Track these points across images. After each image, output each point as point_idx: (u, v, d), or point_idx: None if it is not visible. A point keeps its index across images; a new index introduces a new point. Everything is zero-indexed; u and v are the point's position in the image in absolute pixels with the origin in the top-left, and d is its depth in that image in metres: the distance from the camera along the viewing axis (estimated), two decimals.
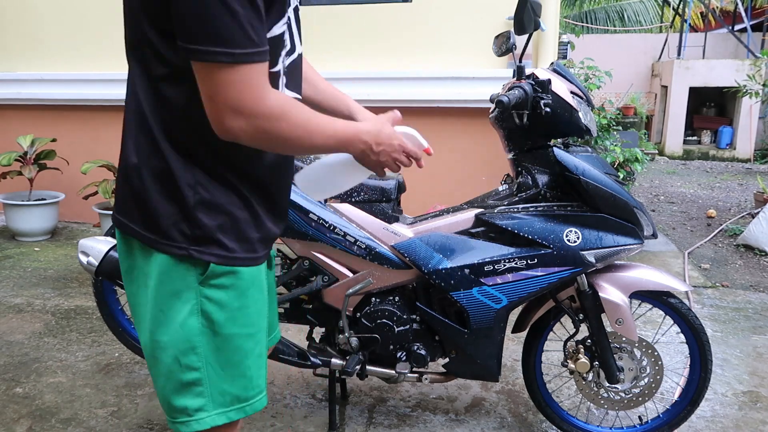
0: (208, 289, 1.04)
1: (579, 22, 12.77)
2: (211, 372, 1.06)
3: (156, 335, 1.05)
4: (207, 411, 1.08)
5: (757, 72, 6.53)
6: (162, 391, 1.09)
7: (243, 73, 0.92)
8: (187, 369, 1.05)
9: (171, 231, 1.01)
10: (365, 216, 1.92)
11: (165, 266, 1.03)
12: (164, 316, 1.04)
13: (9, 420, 2.19)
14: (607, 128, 4.46)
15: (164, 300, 1.03)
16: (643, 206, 1.87)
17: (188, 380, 1.06)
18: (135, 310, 1.11)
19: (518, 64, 1.89)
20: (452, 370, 2.01)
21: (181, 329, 1.04)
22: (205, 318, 1.04)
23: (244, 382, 1.10)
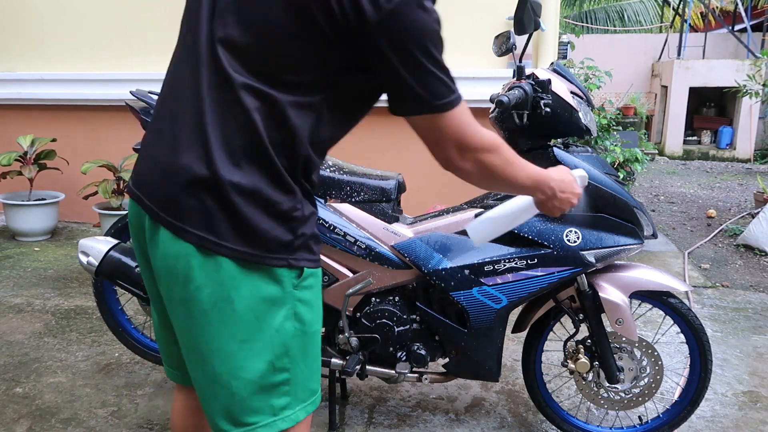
0: (300, 292, 1.08)
1: (579, 22, 12.77)
2: (298, 371, 1.11)
3: (249, 344, 1.05)
4: (292, 408, 1.11)
5: (757, 72, 6.53)
6: (239, 396, 1.07)
7: (462, 112, 1.04)
8: (280, 371, 1.08)
9: (271, 244, 1.03)
10: (365, 216, 1.92)
11: (261, 276, 1.03)
12: (259, 323, 1.04)
13: (9, 420, 2.19)
14: (607, 128, 4.46)
15: (259, 307, 1.04)
16: (643, 206, 1.87)
17: (278, 381, 1.09)
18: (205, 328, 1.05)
19: (518, 64, 1.89)
20: (452, 370, 2.01)
21: (277, 334, 1.06)
22: (298, 320, 1.08)
23: (317, 375, 1.17)
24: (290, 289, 1.06)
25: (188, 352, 1.10)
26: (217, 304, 1.03)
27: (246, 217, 1.00)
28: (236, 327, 1.04)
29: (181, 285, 1.04)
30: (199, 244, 1.01)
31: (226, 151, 0.99)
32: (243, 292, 1.03)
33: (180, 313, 1.07)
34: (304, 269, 1.07)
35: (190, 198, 1.00)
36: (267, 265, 1.03)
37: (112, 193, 4.02)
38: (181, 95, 1.04)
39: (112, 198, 3.98)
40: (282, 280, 1.05)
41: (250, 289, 1.03)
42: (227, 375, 1.06)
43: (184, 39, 1.08)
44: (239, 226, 1.01)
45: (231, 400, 1.08)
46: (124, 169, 4.11)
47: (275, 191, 1.01)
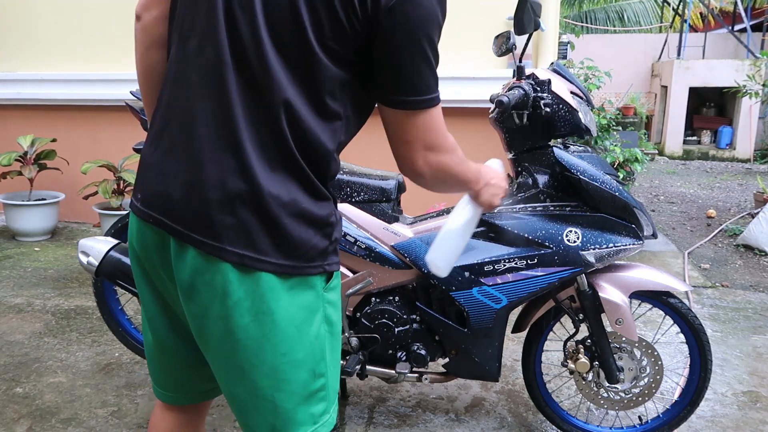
0: (328, 294, 1.08)
1: (579, 22, 12.77)
2: (331, 374, 1.10)
3: (290, 355, 1.02)
4: (328, 412, 1.11)
5: (757, 72, 6.53)
6: (282, 408, 1.05)
7: (436, 114, 1.03)
8: (319, 377, 1.07)
9: (311, 253, 1.01)
10: (365, 216, 1.92)
11: (298, 285, 1.02)
12: (299, 332, 1.02)
13: (9, 420, 2.19)
14: (607, 128, 4.46)
15: (298, 317, 1.02)
16: (643, 206, 1.87)
17: (317, 387, 1.08)
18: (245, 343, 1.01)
19: (518, 64, 1.90)
20: (452, 370, 2.01)
21: (316, 341, 1.05)
22: (328, 322, 1.08)
23: (339, 374, 1.16)
24: (321, 292, 1.06)
25: (226, 368, 1.06)
26: (257, 317, 1.00)
27: (287, 230, 0.98)
28: (277, 339, 1.01)
29: (219, 300, 0.99)
30: (240, 262, 0.97)
31: (263, 162, 0.95)
32: (282, 304, 1.00)
33: (216, 329, 1.02)
34: (333, 273, 1.07)
35: (226, 214, 0.96)
36: (308, 275, 1.02)
37: (112, 193, 4.02)
38: (194, 106, 0.98)
39: (112, 198, 3.98)
40: (315, 286, 1.04)
41: (289, 299, 1.01)
42: (270, 389, 1.04)
43: (185, 45, 1.01)
44: (280, 239, 0.98)
45: (275, 414, 1.05)
46: (124, 169, 4.11)
47: (312, 200, 1.00)
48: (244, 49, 0.95)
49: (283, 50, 0.95)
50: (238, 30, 0.95)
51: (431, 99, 1.01)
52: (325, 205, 1.03)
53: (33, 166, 4.27)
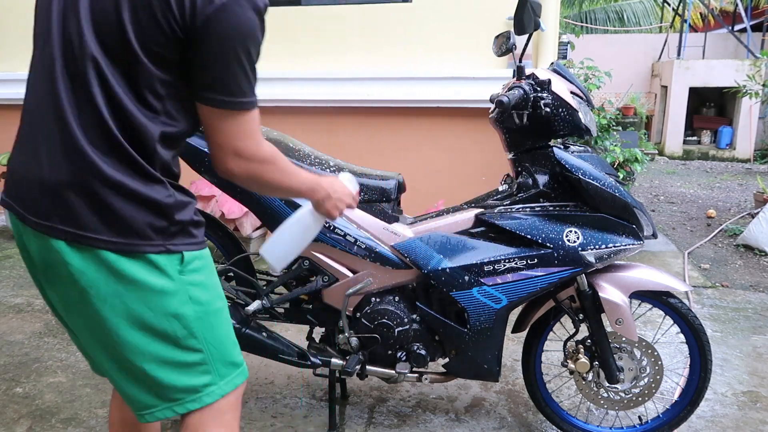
0: (188, 276, 1.12)
1: (579, 22, 12.77)
2: (212, 350, 1.15)
3: (148, 331, 1.09)
4: (215, 384, 1.17)
5: (757, 72, 6.53)
6: (157, 378, 1.12)
7: (248, 120, 1.10)
8: (190, 351, 1.13)
9: (146, 231, 1.07)
10: (365, 216, 1.92)
11: (144, 266, 1.07)
12: (153, 312, 1.08)
13: (9, 420, 2.19)
14: (607, 128, 4.46)
15: (149, 298, 1.08)
16: (643, 206, 1.87)
17: (193, 361, 1.13)
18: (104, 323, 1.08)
19: (518, 64, 1.90)
20: (452, 370, 2.01)
21: (175, 320, 1.10)
22: (195, 302, 1.12)
23: (236, 349, 1.22)
24: (177, 275, 1.10)
25: (96, 348, 1.14)
26: (107, 301, 1.07)
27: (115, 208, 1.04)
28: (131, 319, 1.08)
29: (71, 287, 1.07)
30: (73, 240, 1.04)
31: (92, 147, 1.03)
32: (130, 287, 1.06)
33: (77, 313, 1.11)
34: (183, 254, 1.11)
35: (58, 196, 1.04)
36: (144, 252, 1.06)
37: None
38: (36, 102, 1.08)
39: None
40: (165, 269, 1.08)
41: (136, 282, 1.06)
42: (139, 361, 1.10)
43: (36, 42, 1.11)
44: (110, 218, 1.04)
45: (151, 383, 1.13)
46: None
47: (141, 182, 1.06)
48: (72, 48, 1.04)
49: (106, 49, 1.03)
50: (68, 30, 1.04)
51: (243, 102, 1.09)
52: (157, 188, 1.07)
53: None
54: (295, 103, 4.05)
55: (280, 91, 4.01)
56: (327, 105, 4.06)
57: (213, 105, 1.08)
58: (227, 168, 1.15)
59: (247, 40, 1.05)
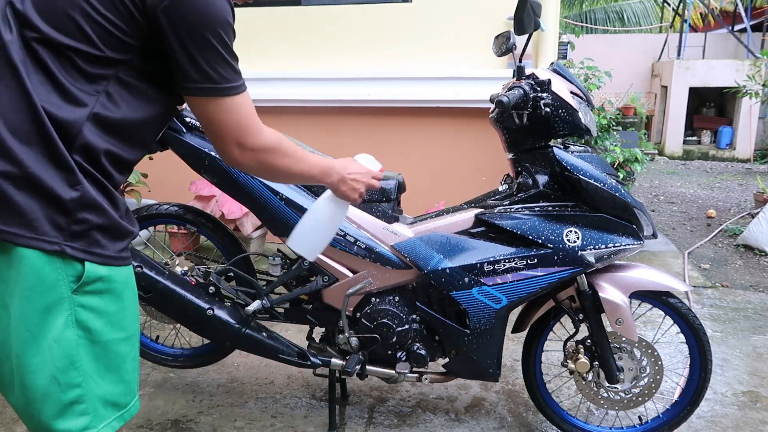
0: (83, 297, 0.98)
1: (579, 22, 12.77)
2: (92, 384, 1.01)
3: (25, 358, 0.96)
4: (94, 427, 1.02)
5: (757, 72, 6.53)
6: (36, 419, 0.99)
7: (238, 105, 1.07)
8: (68, 387, 0.99)
9: (39, 223, 0.93)
10: (365, 216, 1.92)
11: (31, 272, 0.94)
12: (32, 335, 0.95)
13: (9, 420, 2.19)
14: (607, 128, 4.46)
15: (32, 317, 0.95)
16: (643, 206, 1.87)
17: (70, 399, 0.99)
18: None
19: (518, 64, 1.90)
20: (452, 370, 2.01)
21: (56, 345, 0.96)
22: (81, 328, 0.99)
23: (123, 388, 1.07)
24: (68, 293, 0.96)
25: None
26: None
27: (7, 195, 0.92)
28: (13, 339, 0.96)
29: None
30: None
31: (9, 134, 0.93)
32: (15, 300, 0.94)
33: None
34: (85, 267, 0.97)
35: None
36: (30, 248, 0.92)
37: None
38: None
39: None
40: (56, 284, 0.95)
41: (24, 295, 0.94)
42: (18, 391, 0.98)
43: None
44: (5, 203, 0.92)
45: (29, 420, 1.01)
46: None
47: (46, 169, 0.94)
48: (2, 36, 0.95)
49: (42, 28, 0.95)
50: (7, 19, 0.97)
51: (227, 88, 1.05)
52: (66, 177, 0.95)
53: None
54: (295, 103, 4.05)
55: (279, 91, 4.01)
56: (327, 105, 4.06)
57: (197, 94, 1.05)
58: (234, 160, 1.13)
59: (214, 23, 1.01)
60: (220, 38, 1.02)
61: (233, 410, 2.28)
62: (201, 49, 1.01)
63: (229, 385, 2.46)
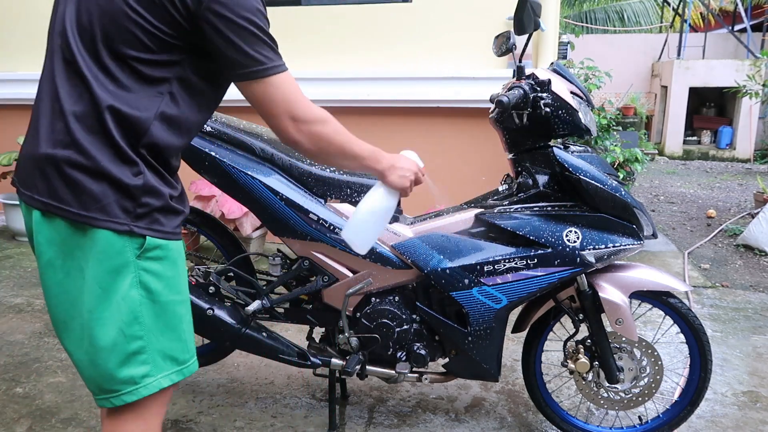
0: (145, 262, 1.13)
1: (579, 22, 12.77)
2: (152, 338, 1.15)
3: (97, 312, 1.11)
4: (153, 376, 1.16)
5: (757, 72, 6.53)
6: (102, 367, 1.14)
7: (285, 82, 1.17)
8: (132, 339, 1.13)
9: (111, 208, 1.09)
10: None
11: (106, 244, 1.10)
12: (103, 291, 1.11)
13: (9, 420, 2.19)
14: (607, 128, 4.46)
15: (105, 277, 1.10)
16: (643, 206, 1.87)
17: (133, 350, 1.14)
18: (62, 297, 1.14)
19: (518, 64, 1.90)
20: (452, 370, 2.01)
21: (123, 301, 1.12)
22: (144, 288, 1.14)
23: (180, 345, 1.21)
24: (133, 258, 1.12)
25: (57, 323, 1.17)
26: (70, 274, 1.12)
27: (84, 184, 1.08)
28: (86, 296, 1.11)
29: (40, 258, 1.14)
30: (44, 209, 1.10)
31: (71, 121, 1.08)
32: (90, 264, 1.10)
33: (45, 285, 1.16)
34: (146, 239, 1.12)
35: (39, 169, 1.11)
36: (108, 228, 1.09)
37: None
38: (41, 89, 1.15)
39: None
40: (123, 251, 1.11)
41: (96, 260, 1.10)
42: (86, 343, 1.13)
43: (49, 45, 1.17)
44: (78, 192, 1.08)
45: (94, 369, 1.14)
46: None
47: (114, 162, 1.09)
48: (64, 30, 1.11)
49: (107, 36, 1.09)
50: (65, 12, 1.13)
51: (270, 67, 1.15)
52: (130, 168, 1.10)
53: None
54: None
55: None
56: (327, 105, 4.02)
57: (246, 78, 1.14)
58: (291, 136, 1.21)
59: (246, 10, 1.11)
60: (256, 24, 1.13)
61: (233, 410, 2.28)
62: (242, 37, 1.11)
63: (229, 385, 2.46)
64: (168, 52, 1.11)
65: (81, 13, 1.11)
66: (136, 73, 1.10)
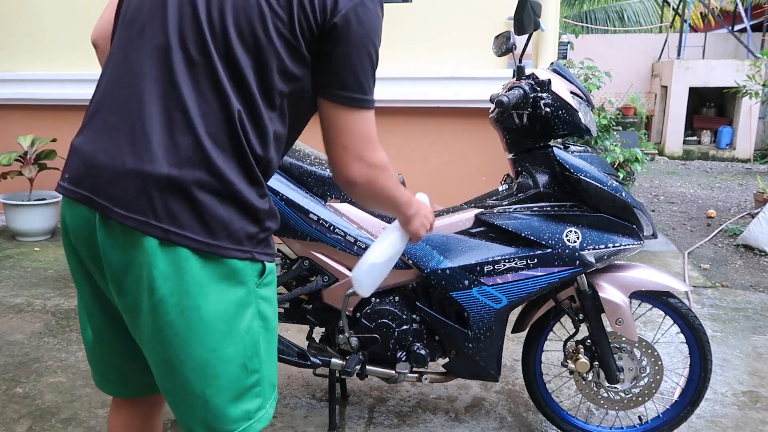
0: (262, 289, 1.09)
1: (579, 22, 12.77)
2: (265, 369, 1.11)
3: (219, 351, 1.03)
4: (264, 408, 1.12)
5: (757, 72, 6.53)
6: (216, 406, 1.05)
7: (371, 119, 1.10)
8: (252, 373, 1.08)
9: (237, 234, 1.01)
10: (365, 216, 1.92)
11: (227, 277, 1.01)
12: (228, 327, 1.03)
13: (9, 420, 2.19)
14: (607, 128, 4.46)
15: (228, 312, 1.02)
16: (643, 206, 1.87)
17: (252, 383, 1.08)
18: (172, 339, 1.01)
19: (518, 64, 1.90)
20: (452, 370, 2.01)
21: (247, 335, 1.06)
22: (261, 318, 1.09)
23: (275, 369, 1.16)
24: (254, 288, 1.06)
25: (157, 362, 1.06)
26: (184, 313, 1.00)
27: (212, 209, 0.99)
28: (206, 335, 1.01)
29: (147, 294, 0.99)
30: (165, 237, 0.97)
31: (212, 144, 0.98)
32: (210, 298, 1.01)
33: (147, 324, 1.02)
34: (265, 265, 1.08)
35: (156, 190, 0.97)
36: (233, 258, 1.01)
37: None
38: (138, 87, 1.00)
39: None
40: (246, 281, 1.04)
41: (217, 294, 1.01)
42: (200, 384, 1.04)
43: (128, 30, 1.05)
44: (203, 216, 0.98)
45: (206, 409, 1.05)
46: None
47: (246, 183, 1.02)
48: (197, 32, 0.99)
49: (240, 36, 0.99)
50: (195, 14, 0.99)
51: (369, 100, 1.09)
52: (256, 191, 1.04)
53: (33, 166, 4.27)
54: None
55: None
56: None
57: (343, 102, 1.06)
58: (350, 174, 1.11)
59: (376, 37, 1.07)
60: (377, 54, 1.09)
61: None
62: (361, 60, 1.05)
63: None
64: (298, 63, 1.03)
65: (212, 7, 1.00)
66: (265, 83, 1.01)
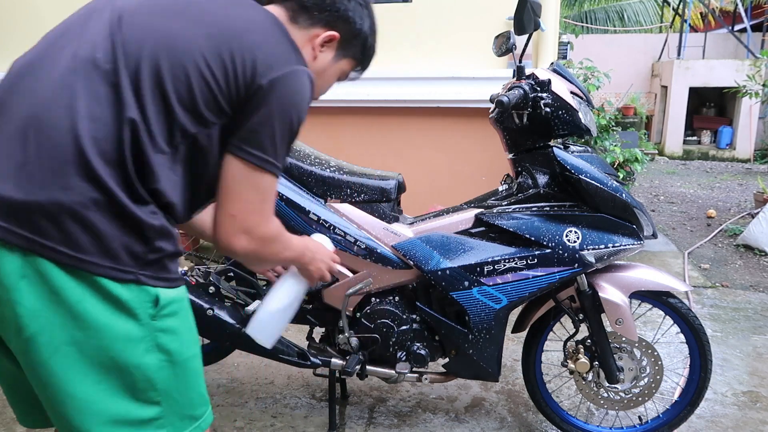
0: (160, 321, 0.99)
1: (579, 22, 12.77)
2: (171, 402, 1.03)
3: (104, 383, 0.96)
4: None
5: (757, 72, 6.52)
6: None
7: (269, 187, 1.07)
8: (148, 405, 1.00)
9: (115, 252, 0.93)
10: (365, 216, 1.92)
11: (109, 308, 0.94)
12: (114, 362, 0.96)
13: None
14: (607, 128, 4.46)
15: (112, 347, 0.95)
16: (643, 206, 1.87)
17: (149, 417, 1.01)
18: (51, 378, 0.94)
19: (518, 64, 1.90)
20: (452, 370, 2.01)
21: (137, 370, 0.98)
22: (162, 351, 1.00)
23: (198, 399, 1.09)
24: (147, 321, 0.97)
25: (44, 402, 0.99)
26: (60, 350, 0.92)
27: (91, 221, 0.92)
28: (87, 369, 0.95)
29: (14, 335, 0.93)
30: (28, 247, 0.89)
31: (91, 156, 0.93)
32: (89, 331, 0.93)
33: (23, 363, 0.96)
34: (159, 295, 0.98)
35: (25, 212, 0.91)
36: (110, 277, 0.93)
37: None
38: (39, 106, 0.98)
39: None
40: (134, 310, 0.96)
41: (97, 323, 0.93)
42: (87, 422, 0.96)
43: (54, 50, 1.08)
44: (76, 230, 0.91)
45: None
46: None
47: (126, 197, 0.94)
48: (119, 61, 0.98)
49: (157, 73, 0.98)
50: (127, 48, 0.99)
51: (277, 166, 1.07)
52: (144, 206, 0.97)
53: None
54: None
55: None
56: (327, 105, 4.05)
57: (249, 159, 1.04)
58: (232, 245, 1.08)
59: (302, 110, 1.07)
60: (298, 124, 1.08)
61: (233, 410, 2.28)
62: (281, 126, 1.04)
63: (229, 385, 2.46)
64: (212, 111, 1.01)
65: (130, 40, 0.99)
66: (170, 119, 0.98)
